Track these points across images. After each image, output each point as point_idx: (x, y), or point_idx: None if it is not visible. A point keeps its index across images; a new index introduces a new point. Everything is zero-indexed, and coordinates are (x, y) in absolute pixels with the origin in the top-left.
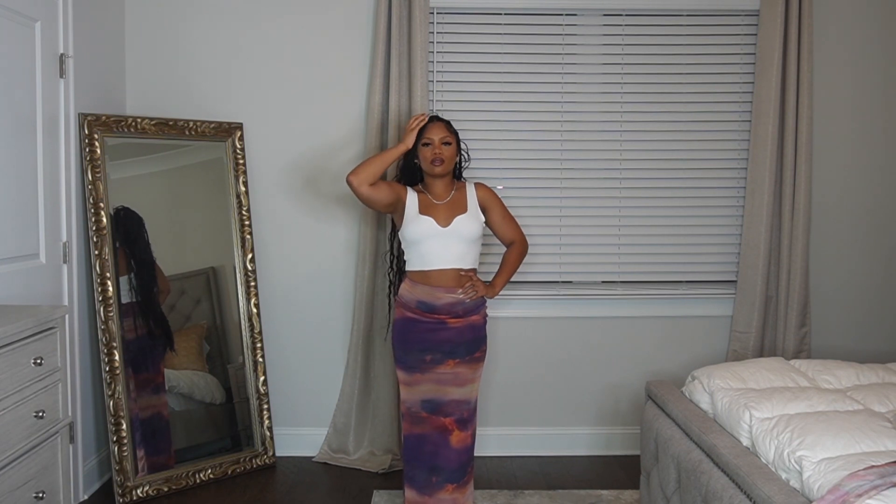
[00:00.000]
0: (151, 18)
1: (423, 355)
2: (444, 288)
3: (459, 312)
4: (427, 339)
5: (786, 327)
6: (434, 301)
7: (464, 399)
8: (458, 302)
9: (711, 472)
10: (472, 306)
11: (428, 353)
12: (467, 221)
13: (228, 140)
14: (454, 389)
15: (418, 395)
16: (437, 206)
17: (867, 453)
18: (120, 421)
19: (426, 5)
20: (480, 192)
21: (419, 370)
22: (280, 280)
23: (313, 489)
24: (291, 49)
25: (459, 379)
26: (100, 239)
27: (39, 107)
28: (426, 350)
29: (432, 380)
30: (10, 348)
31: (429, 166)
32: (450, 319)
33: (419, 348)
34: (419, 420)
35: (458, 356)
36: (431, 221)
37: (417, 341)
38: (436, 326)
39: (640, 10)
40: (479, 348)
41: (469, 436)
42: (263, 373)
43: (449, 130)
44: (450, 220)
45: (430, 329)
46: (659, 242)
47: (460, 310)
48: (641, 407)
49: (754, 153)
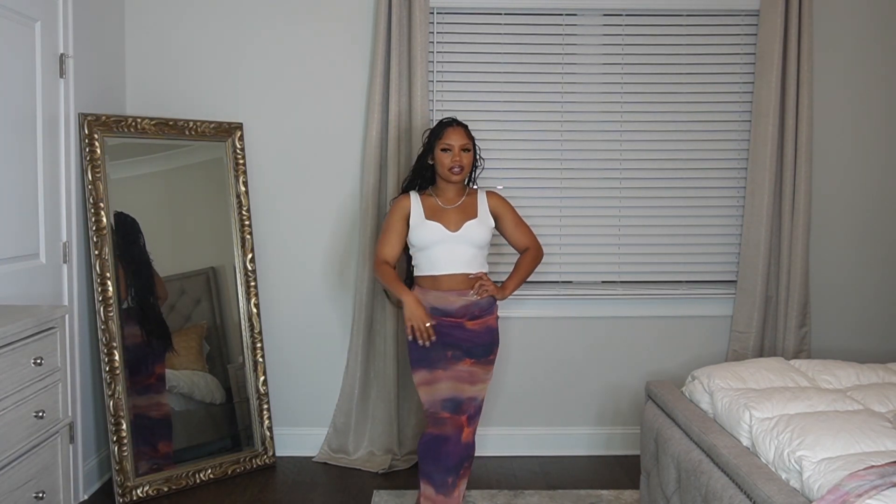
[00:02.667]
0: (151, 18)
1: (445, 350)
2: (456, 291)
3: (476, 313)
4: (448, 335)
5: (786, 327)
6: (448, 306)
7: (476, 396)
8: (472, 304)
9: (711, 472)
10: (486, 307)
11: (450, 349)
12: (477, 227)
13: (228, 140)
14: (469, 387)
15: (439, 395)
16: (446, 210)
17: (867, 453)
18: (120, 421)
19: (426, 5)
20: (492, 200)
21: (441, 366)
22: (280, 280)
23: (313, 489)
24: (291, 49)
25: (474, 378)
26: (100, 239)
27: (39, 107)
28: (448, 346)
29: (453, 377)
30: (10, 348)
31: (446, 173)
32: (466, 322)
33: (443, 342)
34: (440, 421)
35: (476, 356)
36: (439, 226)
37: (440, 335)
38: (454, 326)
39: (640, 10)
40: (493, 350)
41: (472, 432)
42: (263, 373)
43: (468, 137)
44: (459, 225)
45: (450, 327)
46: (659, 242)
47: (476, 310)
48: (641, 407)
49: (754, 153)
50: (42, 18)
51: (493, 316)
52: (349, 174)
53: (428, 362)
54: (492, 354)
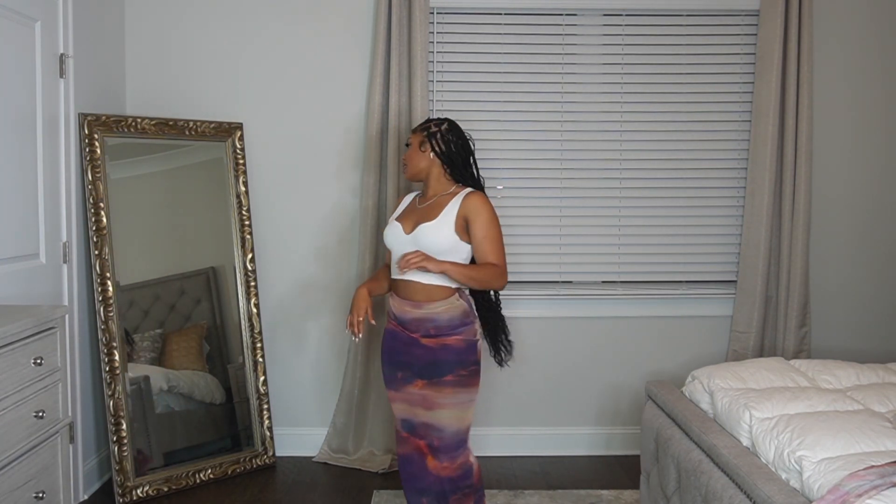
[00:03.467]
0: (151, 18)
1: (396, 371)
2: (411, 302)
3: (432, 332)
4: (402, 353)
5: (786, 327)
6: (402, 315)
7: (434, 424)
8: (426, 318)
9: (711, 472)
10: (446, 326)
11: (399, 370)
12: (430, 230)
13: (228, 140)
14: (423, 412)
15: (397, 413)
16: (415, 210)
17: (867, 453)
18: (120, 421)
19: (426, 5)
20: (469, 202)
21: (393, 387)
22: (280, 280)
23: (313, 489)
24: (291, 49)
25: (427, 402)
26: (100, 239)
27: (39, 107)
28: (398, 366)
29: (404, 399)
30: (10, 348)
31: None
32: (421, 338)
33: (394, 362)
34: (401, 440)
35: (427, 377)
36: (398, 227)
37: (393, 354)
38: (410, 342)
39: (640, 10)
40: (450, 372)
41: (446, 468)
42: (263, 373)
43: (414, 132)
44: (414, 228)
45: (406, 343)
46: (659, 242)
47: (432, 328)
48: (641, 407)
49: (754, 153)
50: (42, 18)
51: (458, 336)
52: (349, 174)
53: (385, 380)
54: (448, 375)
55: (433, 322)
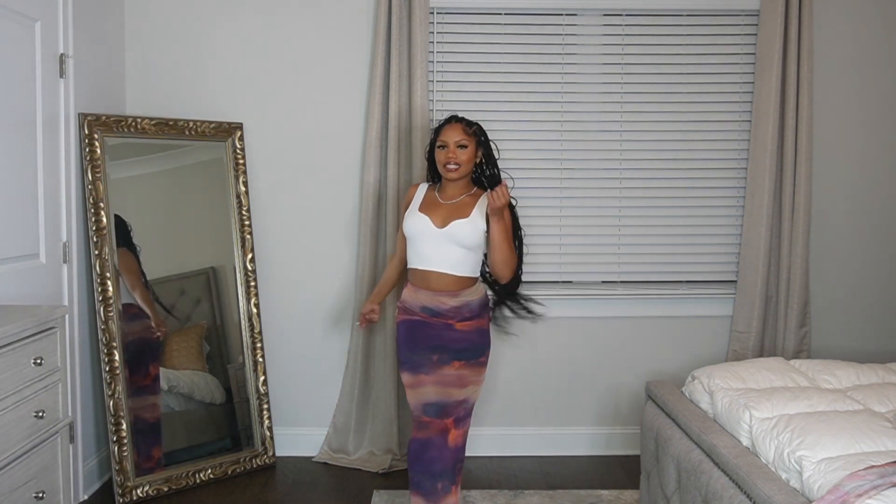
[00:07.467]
0: (151, 18)
1: (431, 354)
2: (447, 293)
3: (466, 315)
4: (437, 337)
5: (786, 327)
6: (439, 306)
7: (465, 399)
8: (463, 305)
9: (711, 472)
10: (477, 309)
11: (436, 353)
12: (464, 226)
13: (228, 140)
14: (457, 391)
15: (421, 399)
16: (441, 206)
17: (867, 453)
18: (120, 421)
19: (426, 5)
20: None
21: (425, 370)
22: (280, 280)
23: (313, 489)
24: (291, 49)
25: (463, 381)
26: (100, 239)
27: (39, 107)
28: (435, 349)
29: (436, 381)
30: (10, 348)
31: (442, 170)
32: (457, 323)
33: (429, 346)
34: (422, 425)
35: (465, 358)
36: (427, 220)
37: (426, 338)
38: (444, 328)
39: (640, 10)
40: (484, 352)
41: (461, 434)
42: (263, 373)
43: (466, 133)
44: (447, 223)
45: (439, 329)
46: (659, 242)
47: (467, 312)
48: (641, 407)
49: (754, 153)
50: (42, 18)
51: (484, 319)
52: (349, 174)
53: (411, 365)
54: (483, 356)
55: (468, 307)
